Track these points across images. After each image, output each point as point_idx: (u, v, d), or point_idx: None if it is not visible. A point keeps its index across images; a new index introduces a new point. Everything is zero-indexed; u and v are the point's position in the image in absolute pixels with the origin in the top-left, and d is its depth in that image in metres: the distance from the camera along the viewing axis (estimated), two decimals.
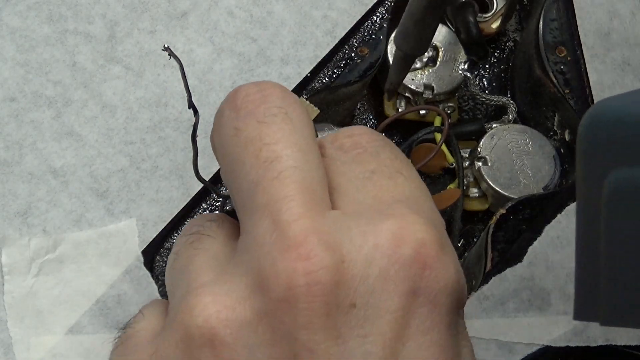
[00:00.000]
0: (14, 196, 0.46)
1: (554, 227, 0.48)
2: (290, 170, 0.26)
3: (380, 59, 0.53)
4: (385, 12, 0.54)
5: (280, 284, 0.24)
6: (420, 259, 0.25)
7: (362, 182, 0.28)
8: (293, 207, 0.25)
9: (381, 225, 0.26)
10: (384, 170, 0.28)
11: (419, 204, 0.27)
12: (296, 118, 0.29)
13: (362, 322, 0.25)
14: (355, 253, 0.25)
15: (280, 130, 0.28)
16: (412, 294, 0.25)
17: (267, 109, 0.28)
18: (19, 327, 0.43)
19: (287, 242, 0.25)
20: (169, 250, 0.47)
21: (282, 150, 0.27)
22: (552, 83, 0.53)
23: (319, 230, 0.25)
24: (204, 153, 0.49)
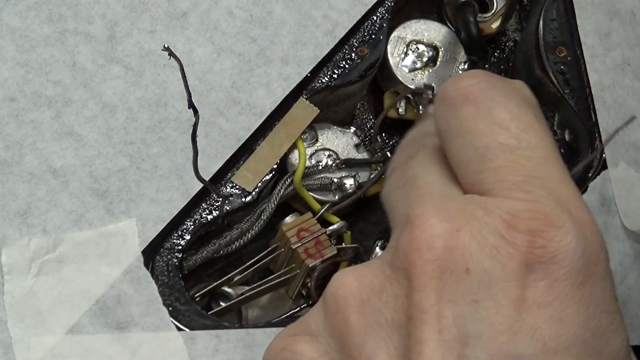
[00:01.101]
0: (14, 196, 0.46)
1: None
2: (417, 178, 0.29)
3: (380, 59, 0.53)
4: (385, 12, 0.54)
5: (401, 254, 0.27)
6: (530, 239, 0.26)
7: (479, 162, 0.28)
8: (423, 204, 0.28)
9: (494, 206, 0.27)
10: (499, 142, 0.28)
11: (537, 175, 0.27)
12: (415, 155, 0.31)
13: (476, 288, 0.26)
14: (472, 224, 0.26)
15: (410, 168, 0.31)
16: (526, 266, 0.26)
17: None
18: (19, 327, 0.43)
19: (412, 223, 0.27)
20: (169, 250, 0.47)
21: (415, 169, 0.30)
22: (552, 83, 0.53)
23: (439, 209, 0.27)
24: (204, 153, 0.49)
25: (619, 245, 0.49)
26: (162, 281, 0.46)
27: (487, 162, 0.28)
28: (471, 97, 0.29)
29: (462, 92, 0.29)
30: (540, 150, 0.28)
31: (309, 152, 0.51)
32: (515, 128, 0.28)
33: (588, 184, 0.50)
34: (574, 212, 0.27)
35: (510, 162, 0.28)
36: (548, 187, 0.27)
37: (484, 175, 0.28)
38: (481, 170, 0.28)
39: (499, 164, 0.28)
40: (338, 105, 0.53)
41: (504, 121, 0.28)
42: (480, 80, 0.29)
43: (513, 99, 0.29)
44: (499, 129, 0.28)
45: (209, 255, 0.49)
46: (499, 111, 0.28)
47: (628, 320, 0.47)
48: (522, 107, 0.29)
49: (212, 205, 0.48)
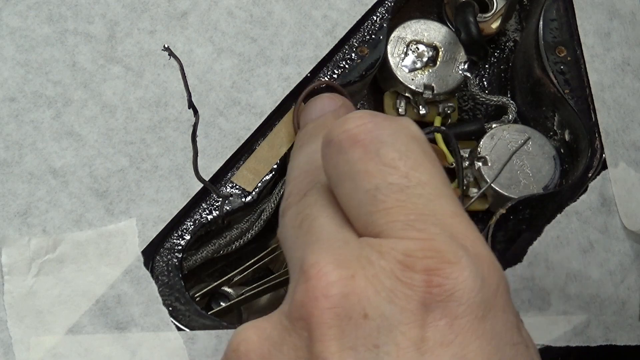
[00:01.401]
0: (14, 196, 0.46)
1: (554, 227, 0.48)
2: (314, 220, 0.29)
3: (380, 59, 0.53)
4: (385, 12, 0.54)
5: (297, 304, 0.26)
6: (427, 279, 0.26)
7: (371, 205, 0.28)
8: (316, 250, 0.27)
9: (389, 249, 0.26)
10: (390, 182, 0.28)
11: (429, 213, 0.27)
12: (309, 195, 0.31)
13: (375, 332, 0.25)
14: (367, 269, 0.26)
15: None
16: (424, 306, 0.25)
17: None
18: (19, 327, 0.43)
19: (307, 272, 0.27)
20: (169, 250, 0.47)
21: (311, 210, 0.30)
22: (552, 83, 0.53)
23: (334, 255, 0.26)
24: (204, 153, 0.49)
25: (619, 245, 0.49)
26: (162, 281, 0.46)
27: (378, 203, 0.27)
28: (358, 139, 0.28)
29: (348, 135, 0.29)
30: (430, 187, 0.28)
31: None
32: (404, 167, 0.28)
33: (588, 184, 0.50)
34: (469, 247, 0.27)
35: (401, 202, 0.27)
36: (441, 223, 0.27)
37: (376, 217, 0.27)
38: (373, 212, 0.27)
39: (390, 205, 0.27)
40: None
41: (392, 161, 0.28)
42: (365, 121, 0.29)
43: (400, 138, 0.29)
44: (387, 169, 0.28)
45: (209, 255, 0.49)
46: (387, 151, 0.28)
47: (628, 320, 0.47)
48: (410, 145, 0.29)
49: (212, 205, 0.48)
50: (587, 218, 0.49)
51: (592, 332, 0.47)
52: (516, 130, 0.54)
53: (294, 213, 0.30)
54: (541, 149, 0.53)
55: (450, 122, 0.56)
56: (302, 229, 0.29)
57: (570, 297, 0.47)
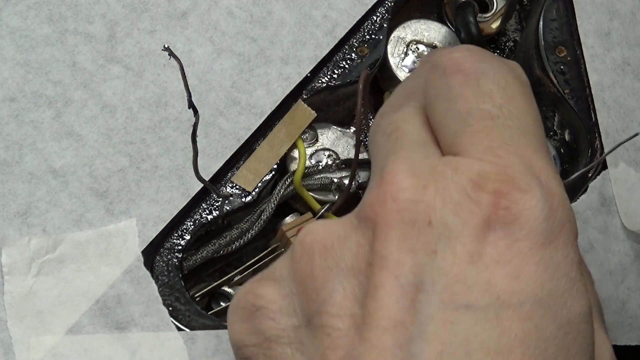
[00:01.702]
0: (14, 196, 0.46)
1: None
2: (403, 136, 0.30)
3: (380, 59, 0.53)
4: (385, 12, 0.54)
5: (367, 205, 0.28)
6: (494, 200, 0.27)
7: (460, 125, 0.29)
8: (396, 159, 0.28)
9: (464, 167, 0.27)
10: (483, 109, 0.29)
11: (513, 143, 0.28)
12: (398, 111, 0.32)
13: (436, 239, 0.27)
14: (440, 181, 0.27)
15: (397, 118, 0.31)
16: (487, 225, 0.26)
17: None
18: (19, 327, 0.43)
19: (383, 177, 0.28)
20: (169, 250, 0.47)
21: (402, 126, 0.31)
22: (552, 83, 0.53)
23: (411, 165, 0.28)
24: (204, 153, 0.49)
25: (619, 245, 0.49)
26: (162, 281, 0.46)
27: (466, 125, 0.29)
28: (461, 67, 0.30)
29: (454, 62, 0.30)
30: (520, 121, 0.29)
31: (309, 152, 0.51)
32: (500, 98, 0.29)
33: (588, 184, 0.50)
34: (544, 181, 0.28)
35: (488, 128, 0.28)
36: (522, 154, 0.28)
37: (461, 138, 0.28)
38: (459, 132, 0.29)
39: (477, 129, 0.28)
40: (338, 105, 0.53)
41: (490, 91, 0.29)
42: (473, 52, 0.30)
43: (502, 73, 0.30)
44: (483, 97, 0.29)
45: (209, 255, 0.49)
46: (486, 82, 0.29)
47: (628, 321, 0.47)
48: (510, 82, 0.30)
49: (212, 205, 0.48)
50: (587, 218, 0.49)
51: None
52: None
53: (387, 122, 0.31)
54: None
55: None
56: (391, 138, 0.30)
57: None
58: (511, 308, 0.26)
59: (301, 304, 0.29)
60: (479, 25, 0.55)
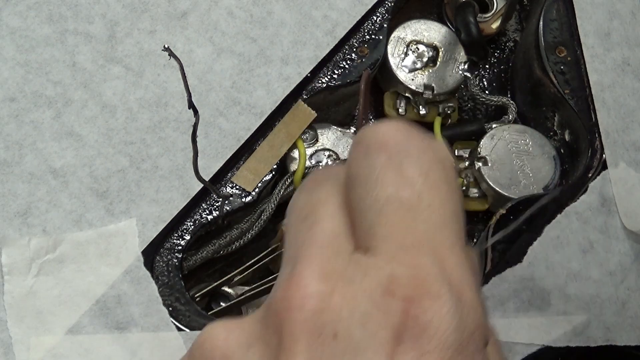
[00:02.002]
0: (14, 196, 0.46)
1: (554, 227, 0.48)
2: (316, 226, 0.28)
3: (380, 59, 0.53)
4: (385, 12, 0.54)
5: (273, 311, 0.26)
6: (407, 303, 0.25)
7: (376, 215, 0.27)
8: (306, 257, 0.27)
9: (377, 269, 0.26)
10: (401, 197, 0.27)
11: (428, 240, 0.27)
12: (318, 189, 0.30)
13: (341, 354, 0.25)
14: (349, 288, 0.26)
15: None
16: (396, 336, 0.25)
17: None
18: (19, 327, 0.43)
19: (292, 278, 0.26)
20: (169, 250, 0.47)
21: (319, 208, 0.29)
22: (552, 83, 0.53)
23: (320, 265, 0.26)
24: (204, 153, 0.49)
25: (619, 245, 0.49)
26: (162, 281, 0.46)
27: (382, 216, 0.27)
28: (387, 145, 0.28)
29: (378, 139, 0.28)
30: (439, 213, 0.27)
31: (309, 152, 0.51)
32: (421, 185, 0.27)
33: (588, 184, 0.50)
34: (457, 284, 0.26)
35: (404, 221, 0.27)
36: (436, 254, 0.26)
37: (376, 230, 0.27)
38: (374, 224, 0.27)
39: (393, 221, 0.27)
40: (338, 105, 0.53)
41: (412, 177, 0.27)
42: (399, 130, 0.28)
43: (427, 156, 0.28)
44: (404, 183, 0.27)
45: (209, 255, 0.49)
46: (409, 165, 0.27)
47: (628, 321, 0.47)
48: (434, 166, 0.28)
49: (212, 205, 0.48)
50: (587, 218, 0.49)
51: (592, 332, 0.47)
52: (516, 130, 0.54)
53: (303, 202, 0.30)
54: (541, 149, 0.53)
55: (450, 122, 0.56)
56: (305, 224, 0.29)
57: (570, 297, 0.47)
58: None
59: None
60: (479, 25, 0.55)
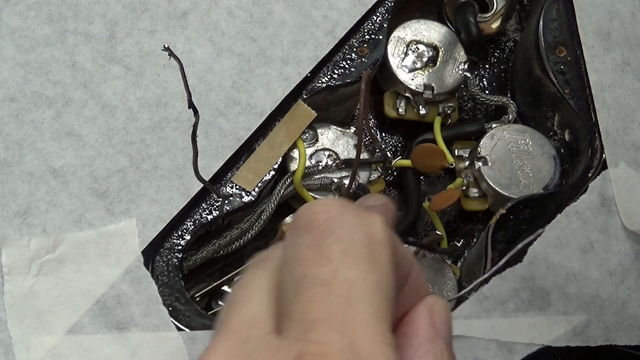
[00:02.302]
0: (14, 196, 0.46)
1: (554, 227, 0.48)
2: (233, 309, 0.28)
3: (380, 59, 0.53)
4: (385, 12, 0.54)
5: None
6: None
7: (293, 294, 0.27)
8: (218, 340, 0.27)
9: (288, 346, 0.26)
10: (316, 274, 0.27)
11: (340, 316, 0.26)
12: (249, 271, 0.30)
13: None
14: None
15: None
16: None
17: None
18: (19, 327, 0.43)
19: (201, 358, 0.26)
20: (169, 250, 0.47)
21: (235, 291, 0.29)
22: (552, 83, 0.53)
23: (228, 351, 0.26)
24: (204, 153, 0.49)
25: (619, 245, 0.49)
26: (162, 281, 0.46)
27: (298, 293, 0.27)
28: (313, 225, 0.28)
29: (308, 218, 0.28)
30: (355, 289, 0.27)
31: (309, 152, 0.51)
32: (338, 261, 0.27)
33: (588, 184, 0.50)
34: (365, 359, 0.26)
35: (319, 297, 0.26)
36: (347, 330, 0.26)
37: (291, 309, 0.27)
38: (292, 301, 0.27)
39: (306, 298, 0.26)
40: (338, 105, 0.53)
41: (330, 254, 0.27)
42: (330, 209, 0.28)
43: (354, 233, 0.28)
44: (322, 260, 0.27)
45: (209, 255, 0.49)
46: (330, 243, 0.27)
47: (628, 321, 0.47)
48: (359, 242, 0.27)
49: (212, 205, 0.48)
50: (587, 218, 0.49)
51: (592, 332, 0.47)
52: (516, 130, 0.54)
53: (237, 284, 0.30)
54: (541, 149, 0.53)
55: (450, 122, 0.56)
56: (227, 306, 0.28)
57: (570, 297, 0.47)
58: None
59: None
60: (479, 25, 0.55)
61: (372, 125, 0.56)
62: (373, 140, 0.53)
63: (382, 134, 0.56)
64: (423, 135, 0.54)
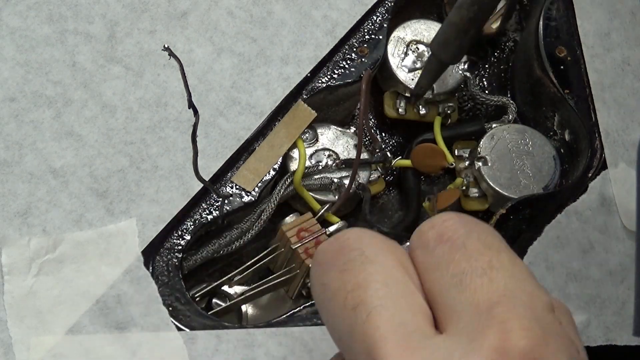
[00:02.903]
0: (14, 196, 0.46)
1: (554, 227, 0.48)
2: (377, 310, 0.27)
3: (380, 59, 0.53)
4: (385, 12, 0.54)
5: None
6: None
7: (456, 289, 0.27)
8: (388, 349, 0.26)
9: (482, 342, 0.25)
10: (475, 267, 0.28)
11: (517, 297, 0.27)
12: (374, 254, 0.29)
13: None
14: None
15: (361, 273, 0.28)
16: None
17: (345, 256, 0.29)
18: (19, 327, 0.43)
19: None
20: (169, 250, 0.47)
21: (365, 292, 0.27)
22: (552, 83, 0.53)
23: (413, 356, 0.25)
24: (204, 153, 0.49)
25: (619, 245, 0.49)
26: (162, 281, 0.46)
27: (464, 286, 0.27)
28: (444, 237, 0.29)
29: (436, 232, 0.29)
30: (513, 270, 0.28)
31: (309, 152, 0.51)
32: (489, 253, 0.28)
33: (588, 184, 0.50)
34: (563, 323, 0.27)
35: (487, 282, 0.27)
36: (525, 304, 0.26)
37: (460, 300, 0.27)
38: (457, 295, 0.27)
39: (476, 286, 0.27)
40: (338, 105, 0.53)
41: (477, 250, 0.28)
42: (452, 220, 0.29)
43: (482, 230, 0.29)
44: (474, 255, 0.28)
45: (209, 255, 0.49)
46: (472, 242, 0.28)
47: (628, 321, 0.47)
48: (490, 236, 0.29)
49: (212, 205, 0.48)
50: (587, 218, 0.49)
51: (592, 332, 0.47)
52: (516, 130, 0.54)
53: (339, 286, 0.28)
54: (541, 149, 0.53)
55: (450, 122, 0.56)
56: (358, 315, 0.27)
57: (570, 297, 0.47)
58: None
59: None
60: None
61: (372, 125, 0.56)
62: (373, 140, 0.53)
63: (382, 134, 0.56)
64: (423, 135, 0.54)
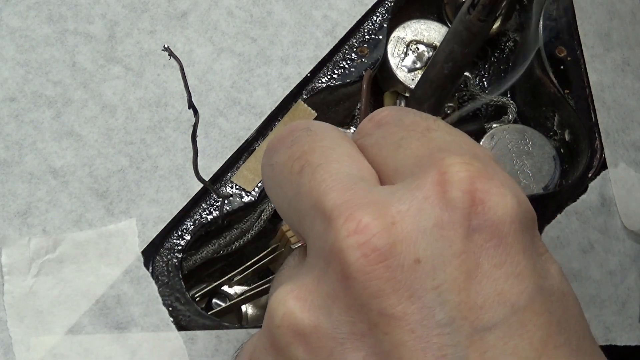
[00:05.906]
0: (14, 196, 0.46)
1: (554, 227, 0.48)
2: (322, 166, 0.28)
3: (380, 59, 0.53)
4: (385, 12, 0.54)
5: (339, 263, 0.25)
6: (469, 197, 0.25)
7: (396, 151, 0.28)
8: (333, 196, 0.26)
9: (424, 178, 0.26)
10: (414, 132, 0.29)
11: (455, 145, 0.28)
12: (317, 128, 0.30)
13: (431, 273, 0.25)
14: (405, 211, 0.25)
15: (305, 143, 0.29)
16: (472, 232, 0.25)
17: (293, 135, 0.30)
18: (19, 327, 0.43)
19: (336, 225, 0.25)
20: (169, 250, 0.47)
21: (311, 155, 0.28)
22: (552, 83, 0.53)
23: (363, 204, 0.26)
24: (204, 153, 0.49)
25: (619, 245, 0.49)
26: (162, 281, 0.46)
27: (404, 147, 0.28)
28: (382, 122, 0.30)
29: (374, 121, 0.30)
30: (453, 130, 0.29)
31: None
32: (426, 121, 0.29)
33: (588, 184, 0.50)
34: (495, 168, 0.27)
35: (426, 141, 0.28)
36: (466, 150, 0.28)
37: (402, 158, 0.28)
38: (398, 156, 0.28)
39: (416, 145, 0.28)
40: (338, 105, 0.54)
41: (414, 121, 0.29)
42: (388, 110, 0.31)
43: (419, 111, 0.30)
44: (411, 126, 0.29)
45: (209, 255, 0.49)
46: (409, 117, 0.30)
47: (628, 321, 0.47)
48: (427, 114, 0.30)
49: (212, 205, 0.48)
50: (587, 218, 0.49)
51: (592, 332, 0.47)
52: (516, 130, 0.54)
53: (286, 158, 0.29)
54: (541, 149, 0.53)
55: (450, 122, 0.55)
56: (304, 175, 0.28)
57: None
58: (527, 309, 0.25)
59: None
60: None
61: None
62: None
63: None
64: None
